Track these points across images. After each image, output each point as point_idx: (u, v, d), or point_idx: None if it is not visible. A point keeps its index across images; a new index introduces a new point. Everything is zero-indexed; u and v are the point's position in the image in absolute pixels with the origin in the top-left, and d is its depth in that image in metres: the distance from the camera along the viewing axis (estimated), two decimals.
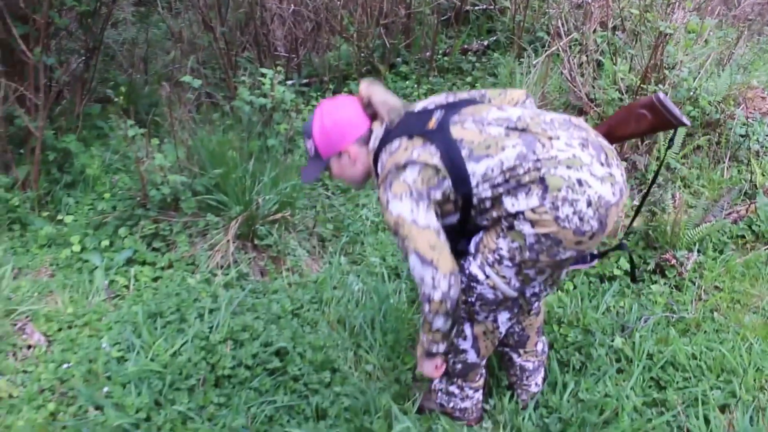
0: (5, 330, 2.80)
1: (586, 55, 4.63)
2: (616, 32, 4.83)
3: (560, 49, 4.52)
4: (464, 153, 2.02)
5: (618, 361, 2.84)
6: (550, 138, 1.99)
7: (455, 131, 2.05)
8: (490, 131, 2.03)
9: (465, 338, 2.33)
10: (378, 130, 2.20)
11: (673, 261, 3.26)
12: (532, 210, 1.95)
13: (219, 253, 3.34)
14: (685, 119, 2.16)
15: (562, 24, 4.78)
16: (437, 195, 2.05)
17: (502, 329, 2.31)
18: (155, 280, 3.30)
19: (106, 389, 2.56)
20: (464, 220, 2.11)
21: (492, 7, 5.73)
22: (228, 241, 3.35)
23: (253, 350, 2.74)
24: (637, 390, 2.68)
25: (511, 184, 1.97)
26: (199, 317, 2.91)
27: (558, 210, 1.93)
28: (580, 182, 1.93)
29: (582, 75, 4.52)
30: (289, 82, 5.00)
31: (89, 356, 2.74)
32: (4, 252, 3.35)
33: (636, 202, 3.70)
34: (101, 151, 4.13)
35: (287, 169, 3.74)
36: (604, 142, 2.07)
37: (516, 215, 1.98)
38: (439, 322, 2.11)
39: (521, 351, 2.59)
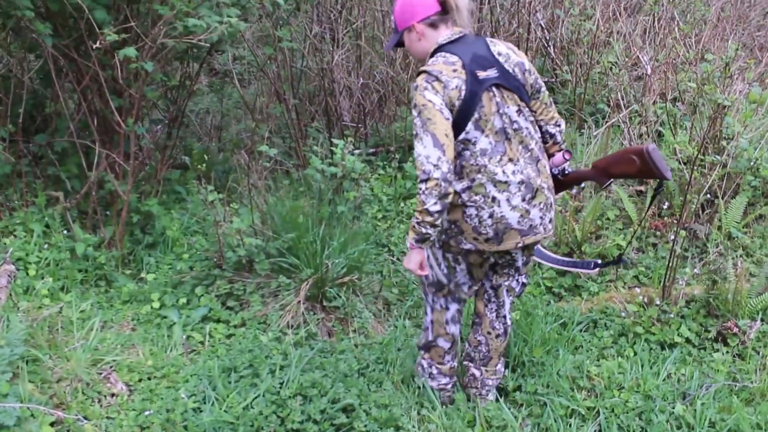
0: (92, 378, 3.00)
1: (646, 126, 4.74)
2: (676, 103, 4.93)
3: (620, 120, 4.64)
4: (476, 116, 2.47)
5: (679, 428, 2.84)
6: (510, 160, 2.52)
7: (486, 97, 2.48)
8: (495, 120, 2.50)
9: (426, 318, 2.95)
10: (450, 32, 2.57)
11: (735, 329, 3.27)
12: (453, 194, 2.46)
13: (290, 313, 3.50)
14: (668, 174, 2.52)
15: (622, 96, 4.91)
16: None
17: (450, 312, 2.89)
18: (229, 337, 3.48)
19: None
20: None
21: (554, 80, 5.91)
22: (299, 302, 3.52)
23: (321, 406, 2.85)
24: None
25: (461, 158, 2.49)
26: (270, 373, 3.06)
27: (466, 207, 2.52)
28: (493, 199, 2.51)
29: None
30: (356, 152, 5.23)
31: (167, 406, 2.90)
32: (92, 306, 3.58)
33: (697, 270, 3.74)
34: (180, 214, 4.40)
35: (355, 235, 3.92)
36: (546, 193, 2.59)
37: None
38: (431, 202, 2.39)
39: (483, 369, 2.97)
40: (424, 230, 2.47)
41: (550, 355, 3.26)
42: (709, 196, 4.10)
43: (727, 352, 3.27)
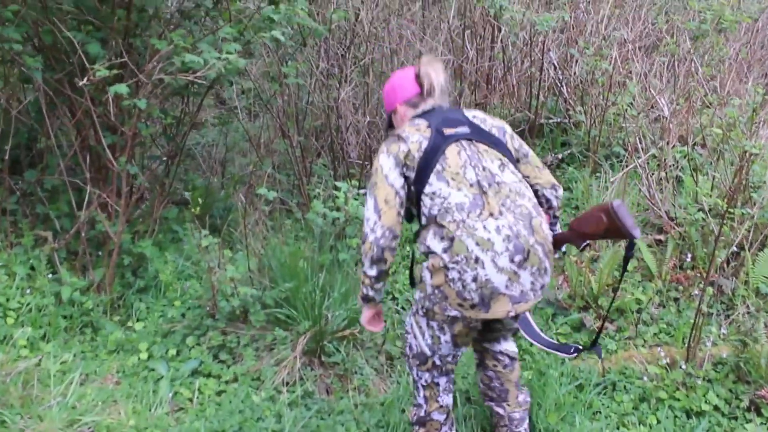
0: None
1: (665, 172, 4.52)
2: (696, 147, 4.71)
3: (638, 165, 4.43)
4: (438, 167, 2.38)
5: None
6: (491, 214, 2.32)
7: (450, 149, 2.41)
8: (467, 172, 2.38)
9: (419, 394, 2.71)
10: (426, 105, 2.58)
11: None
12: (433, 255, 2.33)
13: (285, 369, 3.26)
14: (636, 232, 2.32)
15: (640, 140, 4.70)
16: (410, 174, 2.42)
17: (440, 386, 2.66)
18: (219, 393, 3.23)
19: None
20: (418, 214, 2.47)
21: (566, 120, 5.71)
22: (295, 357, 3.28)
23: None
24: None
25: (437, 216, 2.34)
26: None
27: (448, 270, 2.30)
28: (476, 260, 2.28)
29: (661, 191, 4.39)
30: (362, 191, 5.03)
31: None
32: (74, 357, 3.36)
33: (724, 330, 3.49)
34: (175, 256, 4.18)
35: (358, 284, 3.69)
36: (537, 253, 2.33)
37: (425, 254, 2.37)
38: (366, 264, 2.45)
39: (505, 405, 2.81)
40: (364, 290, 2.55)
41: (566, 422, 3.00)
42: (735, 247, 3.85)
43: (762, 423, 3.00)
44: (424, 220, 2.42)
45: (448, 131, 2.44)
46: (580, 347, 2.76)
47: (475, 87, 5.35)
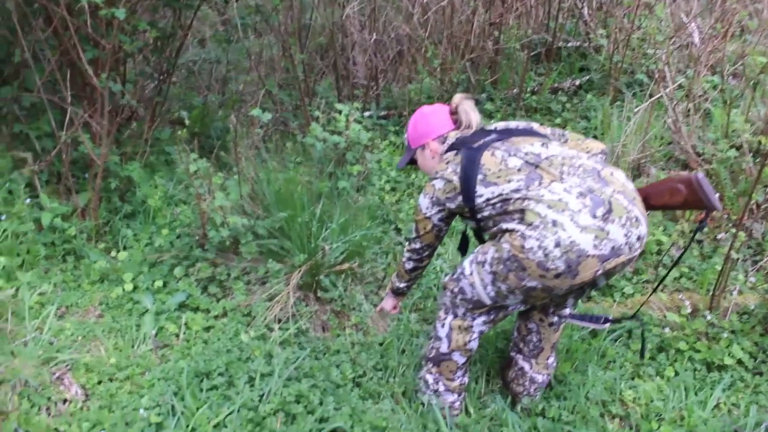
0: (42, 380, 2.57)
1: (693, 103, 4.19)
2: (728, 78, 4.36)
3: (664, 95, 4.09)
4: (479, 177, 2.29)
5: None
6: (553, 180, 2.18)
7: (485, 156, 2.31)
8: (509, 162, 2.26)
9: (443, 326, 2.48)
10: (451, 138, 2.52)
11: None
12: (510, 232, 2.17)
13: (278, 305, 3.05)
14: (718, 204, 2.23)
15: (668, 68, 4.34)
16: (452, 205, 2.40)
17: (476, 330, 2.44)
18: (207, 329, 3.03)
19: None
20: (479, 226, 2.39)
21: (586, 44, 5.33)
22: (289, 292, 3.06)
23: (306, 426, 2.42)
24: None
25: (500, 209, 2.23)
26: (249, 382, 2.62)
27: (525, 240, 2.11)
28: (554, 223, 2.08)
29: (688, 125, 4.07)
30: (367, 114, 4.73)
31: (126, 418, 2.46)
32: (54, 287, 3.15)
33: (752, 278, 3.24)
34: (166, 179, 3.94)
35: (358, 212, 3.44)
36: (620, 202, 2.11)
37: (505, 231, 2.21)
38: (405, 258, 2.69)
39: (533, 362, 2.62)
40: (397, 283, 2.80)
41: (578, 371, 2.80)
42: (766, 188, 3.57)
43: None
44: (491, 227, 2.31)
45: (476, 144, 2.37)
46: (611, 318, 2.59)
47: (490, 5, 4.96)
